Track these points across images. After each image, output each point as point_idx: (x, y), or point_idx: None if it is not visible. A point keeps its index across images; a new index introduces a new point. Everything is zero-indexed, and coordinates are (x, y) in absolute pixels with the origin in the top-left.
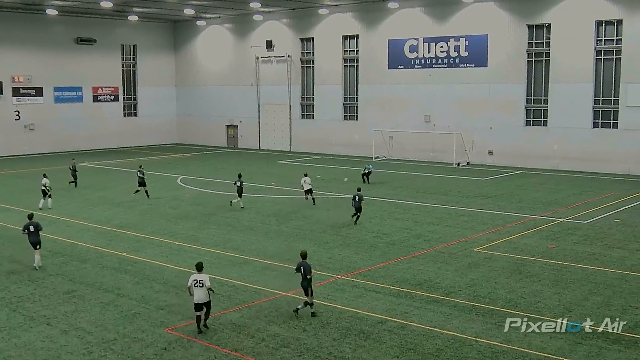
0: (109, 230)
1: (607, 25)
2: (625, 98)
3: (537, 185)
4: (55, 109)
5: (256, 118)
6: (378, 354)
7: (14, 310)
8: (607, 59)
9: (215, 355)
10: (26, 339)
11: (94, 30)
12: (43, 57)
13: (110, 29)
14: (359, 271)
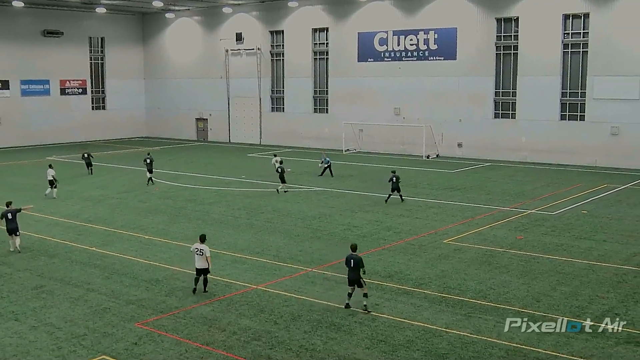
0: (77, 224)
1: (574, 18)
2: (592, 91)
3: (506, 177)
4: (22, 102)
5: (226, 111)
6: (349, 346)
7: None
8: (574, 52)
9: (186, 349)
10: None
11: (61, 22)
12: (9, 50)
13: (77, 21)
14: (330, 264)
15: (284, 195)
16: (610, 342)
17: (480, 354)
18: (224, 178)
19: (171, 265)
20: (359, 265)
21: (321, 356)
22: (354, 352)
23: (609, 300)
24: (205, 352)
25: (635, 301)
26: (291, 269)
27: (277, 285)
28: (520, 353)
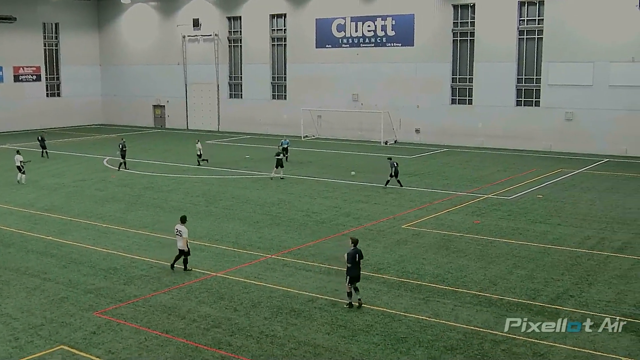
0: (33, 213)
1: (530, 5)
2: (546, 77)
3: (463, 162)
4: None
5: (183, 98)
6: (309, 332)
7: None
8: (530, 39)
9: (145, 338)
10: None
11: (14, 7)
12: None
13: (30, 6)
14: (289, 250)
15: (242, 181)
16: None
17: (438, 337)
18: (182, 165)
19: (129, 254)
20: (361, 258)
21: (281, 342)
22: (314, 338)
23: (563, 283)
24: (165, 340)
25: (589, 283)
26: (250, 255)
27: (236, 272)
28: (478, 336)
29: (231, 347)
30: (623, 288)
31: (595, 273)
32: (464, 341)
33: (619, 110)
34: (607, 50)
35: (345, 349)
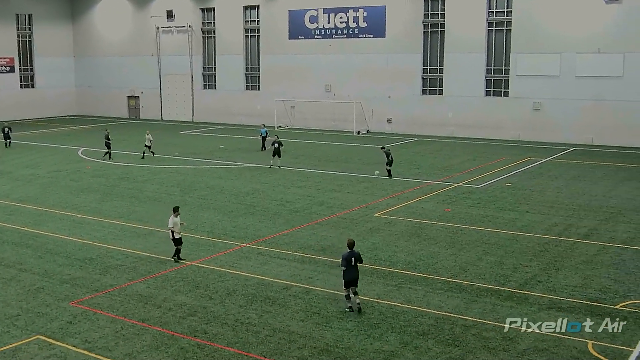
0: (8, 204)
1: None
2: (515, 68)
3: (434, 151)
4: None
5: (158, 89)
6: (284, 319)
7: None
8: (498, 31)
9: (122, 327)
10: None
11: None
12: None
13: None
14: (264, 239)
15: (217, 171)
16: (533, 309)
17: (410, 322)
18: (156, 155)
19: (105, 244)
20: (358, 261)
21: (256, 329)
22: (288, 325)
23: (531, 269)
24: (142, 329)
25: (557, 269)
26: (225, 244)
27: (211, 261)
28: (449, 321)
29: (207, 335)
30: (589, 273)
31: (563, 259)
32: (435, 326)
33: (585, 100)
34: (573, 42)
35: (320, 336)
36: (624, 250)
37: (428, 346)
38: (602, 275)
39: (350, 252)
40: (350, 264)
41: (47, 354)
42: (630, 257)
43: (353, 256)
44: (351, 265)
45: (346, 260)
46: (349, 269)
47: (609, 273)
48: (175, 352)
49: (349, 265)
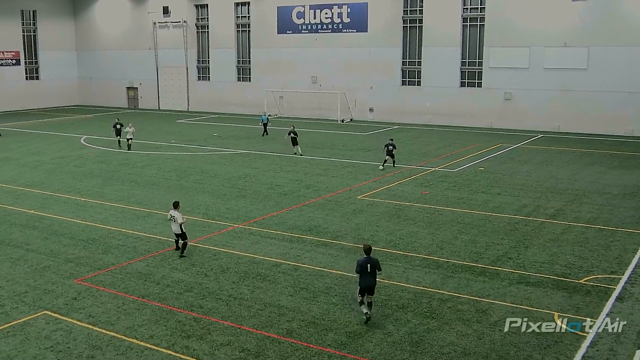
0: (15, 189)
1: None
2: (488, 60)
3: (413, 138)
4: None
5: (155, 80)
6: (274, 294)
7: None
8: (473, 26)
9: (123, 302)
10: None
11: None
12: None
13: None
14: (255, 220)
15: (211, 157)
16: (504, 283)
17: (391, 296)
18: (154, 143)
19: (107, 225)
20: (375, 268)
21: (249, 304)
22: (278, 299)
23: (502, 247)
24: (142, 304)
25: (526, 247)
26: (219, 225)
27: (206, 240)
28: (426, 295)
29: (202, 309)
30: (555, 250)
31: (531, 237)
32: (414, 300)
33: (552, 90)
34: (542, 36)
35: (307, 309)
36: (588, 229)
37: (407, 318)
38: (567, 253)
39: (367, 257)
40: (366, 270)
41: (53, 328)
42: (594, 235)
43: (369, 263)
44: (366, 271)
45: (360, 266)
46: (364, 276)
47: (574, 250)
48: (173, 325)
49: (364, 272)
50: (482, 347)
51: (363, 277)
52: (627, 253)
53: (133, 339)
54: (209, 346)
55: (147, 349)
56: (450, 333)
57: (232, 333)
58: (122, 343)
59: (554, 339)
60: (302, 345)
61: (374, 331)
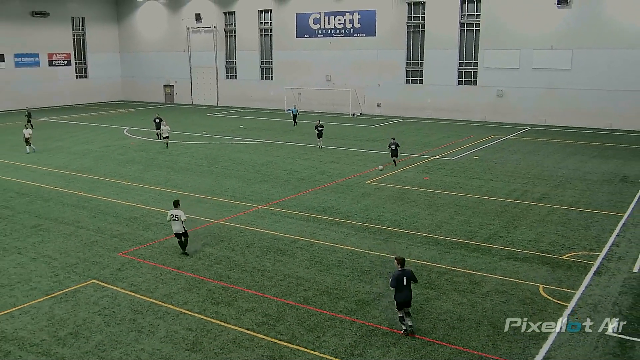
0: (67, 173)
1: (469, 3)
2: (482, 61)
3: (415, 130)
4: (16, 72)
5: (189, 79)
6: (292, 266)
7: None
8: (469, 30)
9: (161, 273)
10: (0, 267)
11: (47, 4)
12: (2, 29)
13: (61, 3)
14: (276, 201)
15: (237, 146)
16: (495, 258)
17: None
18: (188, 134)
19: (146, 206)
20: (411, 280)
21: (270, 275)
22: (296, 271)
23: (494, 226)
24: (177, 275)
25: (515, 226)
26: (244, 206)
27: (233, 219)
28: (426, 268)
29: (230, 280)
30: (541, 230)
31: (520, 218)
32: (415, 273)
33: (540, 88)
34: (531, 40)
35: (321, 280)
36: (570, 211)
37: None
38: (551, 232)
39: (402, 270)
40: (402, 283)
41: (100, 295)
42: (575, 217)
43: (405, 275)
44: (402, 285)
45: (396, 280)
46: (401, 289)
47: (557, 230)
48: (204, 293)
49: (400, 285)
50: (475, 315)
51: (399, 291)
52: (605, 233)
53: (169, 304)
54: (236, 311)
55: (181, 314)
56: (447, 302)
57: (256, 300)
58: (160, 308)
59: (539, 308)
60: (317, 311)
61: (380, 300)
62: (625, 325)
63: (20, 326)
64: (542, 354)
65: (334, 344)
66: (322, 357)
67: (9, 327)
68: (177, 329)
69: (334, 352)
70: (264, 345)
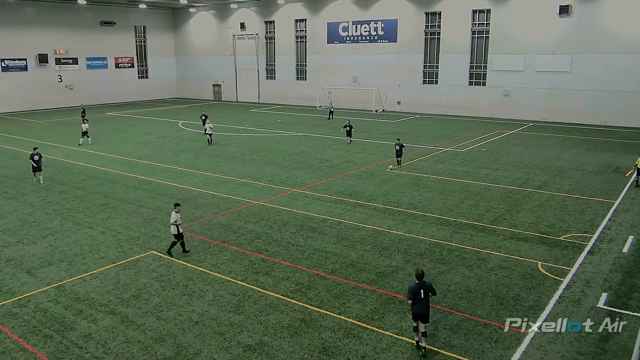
0: (130, 160)
1: (480, 13)
2: (491, 64)
3: (430, 125)
4: (88, 73)
5: (234, 79)
6: (322, 242)
7: (65, 219)
8: (480, 37)
9: (209, 246)
10: (75, 239)
11: (114, 15)
12: (77, 36)
13: (126, 14)
14: (308, 186)
15: (275, 138)
16: (499, 238)
17: (411, 246)
18: (233, 126)
19: (197, 188)
20: (429, 293)
21: (303, 249)
22: (325, 246)
23: (499, 210)
24: (223, 248)
25: (517, 210)
26: (281, 189)
27: (271, 201)
28: (438, 246)
29: (268, 252)
30: (541, 214)
31: (522, 203)
32: (428, 249)
33: (542, 88)
34: (534, 46)
35: (347, 254)
36: (567, 198)
37: (423, 263)
38: (550, 216)
39: (419, 283)
40: (419, 296)
41: (158, 264)
42: (572, 203)
43: (422, 288)
44: (420, 297)
45: (413, 293)
46: (417, 302)
47: (555, 214)
48: (246, 263)
49: (417, 298)
50: (480, 287)
51: (416, 303)
52: (598, 217)
53: (216, 273)
54: (273, 280)
55: (227, 281)
56: (456, 275)
57: (290, 270)
58: (208, 276)
59: (537, 282)
60: (343, 281)
61: (398, 272)
62: (614, 299)
63: (91, 289)
64: (540, 321)
65: (357, 309)
66: (347, 320)
67: (81, 289)
68: (223, 294)
69: (356, 317)
70: (297, 309)
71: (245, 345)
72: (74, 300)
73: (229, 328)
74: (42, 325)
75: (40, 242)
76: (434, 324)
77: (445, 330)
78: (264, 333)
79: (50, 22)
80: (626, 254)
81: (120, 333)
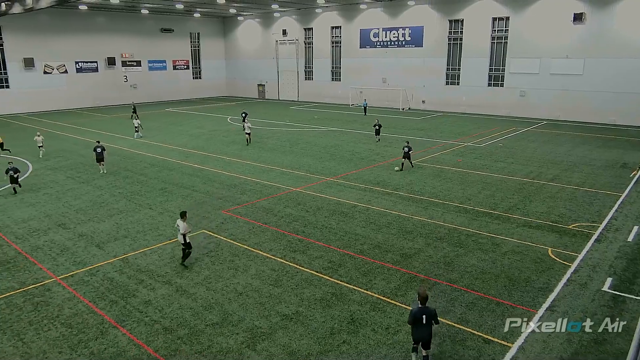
0: (185, 150)
1: (499, 20)
2: (509, 67)
3: (452, 122)
4: (149, 74)
5: (276, 80)
6: (352, 225)
7: (129, 200)
8: (499, 42)
9: (253, 227)
10: (137, 218)
11: (172, 23)
12: (140, 41)
13: (182, 22)
14: (341, 175)
15: (312, 132)
16: (513, 225)
17: (432, 231)
18: (275, 122)
19: (243, 176)
20: (432, 319)
21: (335, 231)
22: (354, 229)
23: (513, 200)
24: (265, 229)
25: (530, 201)
26: (317, 178)
27: (308, 188)
28: (457, 231)
29: (304, 234)
30: (552, 204)
31: (535, 194)
32: (448, 234)
33: (555, 90)
34: (549, 50)
35: (374, 237)
36: (577, 190)
37: (443, 246)
38: (560, 206)
39: (422, 308)
40: (420, 322)
41: (208, 241)
42: (581, 195)
43: (424, 314)
44: (421, 323)
45: (414, 318)
46: (418, 327)
47: (566, 205)
48: (285, 243)
49: (418, 323)
50: (495, 269)
51: (417, 328)
52: (605, 208)
53: (258, 250)
54: (308, 258)
55: (267, 258)
56: (472, 258)
57: (323, 250)
58: (252, 253)
59: (547, 266)
60: (370, 260)
61: (419, 254)
62: (618, 284)
63: (151, 262)
64: (548, 302)
65: (382, 286)
66: (373, 295)
67: (142, 262)
68: (264, 269)
69: (382, 293)
70: (329, 284)
71: (282, 315)
72: (136, 271)
73: (268, 299)
74: (108, 292)
75: (107, 220)
76: (451, 301)
77: (462, 307)
78: (300, 304)
79: (118, 29)
80: (631, 242)
81: (175, 300)
